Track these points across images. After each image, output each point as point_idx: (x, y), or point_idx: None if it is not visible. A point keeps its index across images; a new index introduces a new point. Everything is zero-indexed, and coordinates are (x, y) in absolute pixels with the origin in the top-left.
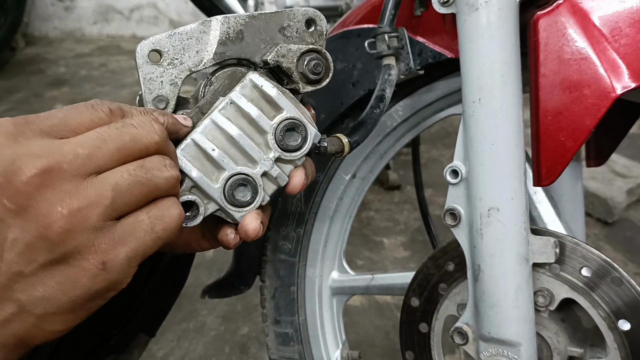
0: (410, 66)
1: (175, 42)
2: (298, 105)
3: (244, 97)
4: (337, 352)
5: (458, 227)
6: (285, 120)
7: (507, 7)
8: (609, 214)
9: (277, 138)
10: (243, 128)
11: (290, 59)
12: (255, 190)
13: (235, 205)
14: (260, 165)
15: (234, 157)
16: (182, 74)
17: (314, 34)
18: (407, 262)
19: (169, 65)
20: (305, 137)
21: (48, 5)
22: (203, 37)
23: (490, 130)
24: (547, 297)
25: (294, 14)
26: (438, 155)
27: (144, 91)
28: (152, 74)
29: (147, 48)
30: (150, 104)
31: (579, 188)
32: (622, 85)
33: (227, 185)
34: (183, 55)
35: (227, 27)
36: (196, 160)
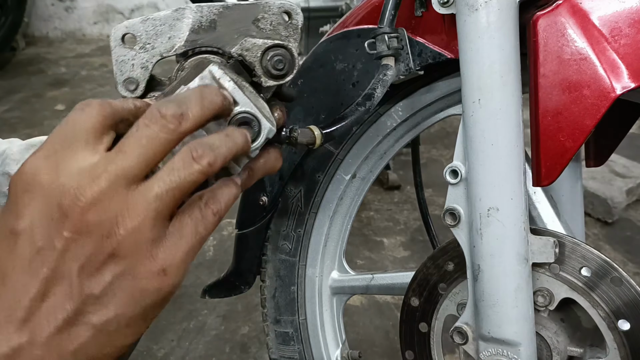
0: (410, 66)
1: (149, 27)
2: (257, 100)
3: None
4: (337, 351)
5: (458, 227)
6: (239, 114)
7: (507, 7)
8: (609, 214)
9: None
10: None
11: (254, 53)
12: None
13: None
14: None
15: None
16: (154, 59)
17: (289, 27)
18: (407, 262)
19: (141, 49)
20: (259, 132)
21: (48, 5)
22: (176, 24)
23: (489, 130)
24: (546, 297)
25: (270, 6)
26: (438, 155)
27: (116, 72)
28: (124, 56)
29: (120, 31)
30: (121, 84)
31: (578, 188)
32: (621, 85)
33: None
34: (155, 40)
35: (200, 15)
36: None
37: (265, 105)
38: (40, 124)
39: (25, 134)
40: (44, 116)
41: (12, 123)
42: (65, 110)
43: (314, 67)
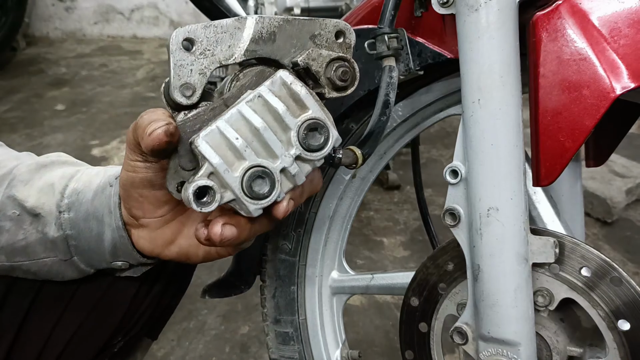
0: (409, 67)
1: (210, 33)
2: (323, 108)
3: (272, 93)
4: (337, 351)
5: (457, 227)
6: (310, 119)
7: (507, 7)
8: (608, 214)
9: (300, 136)
10: (268, 122)
11: (320, 63)
12: (273, 184)
13: (252, 197)
14: (281, 161)
15: (255, 149)
16: (212, 65)
17: (342, 45)
18: (406, 262)
19: (201, 54)
20: (327, 139)
21: (49, 5)
22: (237, 33)
23: (489, 130)
24: (546, 297)
25: (326, 24)
26: (438, 155)
27: (173, 77)
28: (184, 60)
29: (182, 35)
30: (178, 90)
31: (578, 188)
32: (621, 85)
33: (246, 176)
34: (215, 47)
35: (261, 26)
36: (218, 147)
37: (330, 115)
38: (40, 124)
39: (25, 134)
40: (44, 116)
41: (12, 123)
42: (65, 110)
43: None
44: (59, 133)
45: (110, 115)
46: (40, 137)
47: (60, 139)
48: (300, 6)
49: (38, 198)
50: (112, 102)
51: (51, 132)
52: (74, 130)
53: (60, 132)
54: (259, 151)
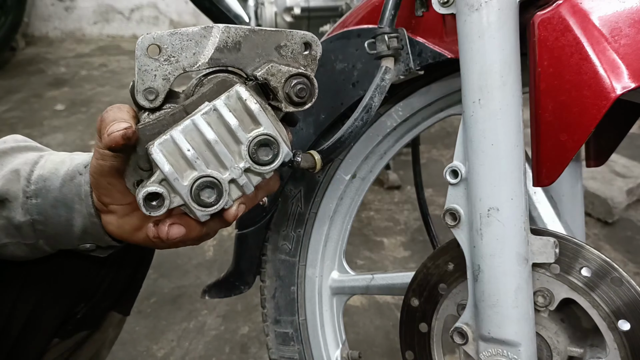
0: (410, 66)
1: (176, 41)
2: (277, 124)
3: (227, 107)
4: (337, 351)
5: (458, 227)
6: (261, 135)
7: (507, 7)
8: (609, 214)
9: (250, 150)
10: (221, 135)
11: (278, 79)
12: (220, 194)
13: (200, 205)
14: (230, 172)
15: (206, 160)
16: (176, 72)
17: (308, 57)
18: (407, 262)
19: (165, 61)
20: (277, 154)
21: (48, 5)
22: (202, 41)
23: (490, 130)
24: (547, 297)
25: (292, 35)
26: (438, 155)
27: (137, 81)
28: (148, 66)
29: (147, 41)
30: (141, 93)
31: (578, 188)
32: (622, 85)
33: (195, 185)
34: (180, 54)
35: (226, 35)
36: (171, 155)
37: (284, 129)
38: (40, 123)
39: (25, 134)
40: (44, 116)
41: (11, 123)
42: (64, 110)
43: None
44: (58, 133)
45: None
46: (40, 137)
47: (59, 138)
48: (300, 5)
49: (2, 185)
50: (111, 102)
51: (51, 132)
52: (73, 130)
53: (59, 132)
54: (210, 161)
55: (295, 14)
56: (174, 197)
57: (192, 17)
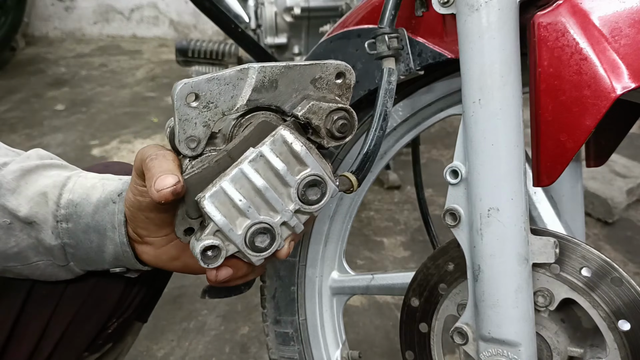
0: (410, 67)
1: (213, 86)
2: (321, 161)
3: (273, 152)
4: (337, 352)
5: (458, 228)
6: (309, 176)
7: (507, 7)
8: (609, 214)
9: (300, 192)
10: (269, 180)
11: (320, 116)
12: (274, 238)
13: (254, 251)
14: (281, 216)
15: (257, 206)
16: (215, 117)
17: (342, 86)
18: (407, 262)
19: (204, 108)
20: (324, 193)
21: (48, 5)
22: (239, 84)
23: (490, 130)
24: (547, 297)
25: (327, 66)
26: (438, 155)
27: (178, 131)
28: (188, 115)
29: (186, 91)
30: (183, 143)
31: (578, 188)
32: (622, 85)
33: (249, 233)
34: (218, 99)
35: (262, 75)
36: (223, 206)
37: (328, 165)
38: (40, 124)
39: (25, 134)
40: (44, 116)
41: (11, 123)
42: (64, 110)
43: None
44: (58, 133)
45: (110, 115)
46: (40, 137)
47: (60, 139)
48: (300, 6)
49: (31, 208)
50: (111, 102)
51: (51, 132)
52: (73, 130)
53: (60, 132)
54: (261, 207)
55: (295, 14)
56: (228, 245)
57: (192, 17)
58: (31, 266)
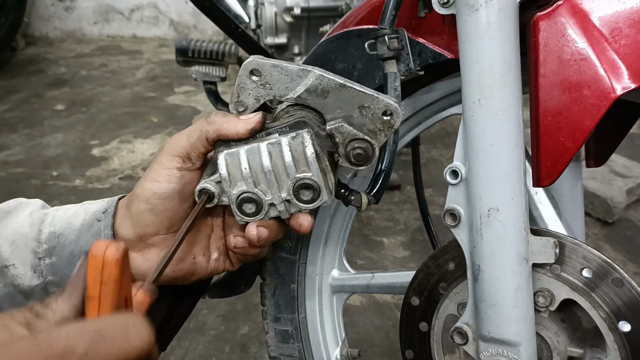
0: (410, 67)
1: (275, 72)
2: (328, 172)
3: (289, 146)
4: (337, 350)
5: (458, 228)
6: (306, 179)
7: (507, 7)
8: (609, 214)
9: (294, 187)
10: (276, 165)
11: (344, 137)
12: (259, 210)
13: (240, 212)
14: (271, 197)
15: (257, 180)
16: (267, 97)
17: (386, 123)
18: (407, 262)
19: (261, 85)
20: (315, 199)
21: (48, 5)
22: (297, 79)
23: (490, 130)
24: (547, 297)
25: (378, 100)
26: (438, 155)
27: (233, 93)
28: (246, 85)
29: (252, 65)
30: (234, 104)
31: (578, 188)
32: (622, 85)
33: (241, 197)
34: (275, 84)
35: (319, 82)
36: (232, 166)
37: (333, 179)
38: (40, 124)
39: (25, 134)
40: (44, 116)
41: (12, 123)
42: (65, 110)
43: None
44: (58, 133)
45: (110, 115)
46: (40, 137)
47: (60, 138)
48: (300, 6)
49: (10, 249)
50: (111, 102)
51: (51, 132)
52: (73, 130)
53: (60, 132)
54: (260, 182)
55: (295, 14)
56: (223, 196)
57: (192, 17)
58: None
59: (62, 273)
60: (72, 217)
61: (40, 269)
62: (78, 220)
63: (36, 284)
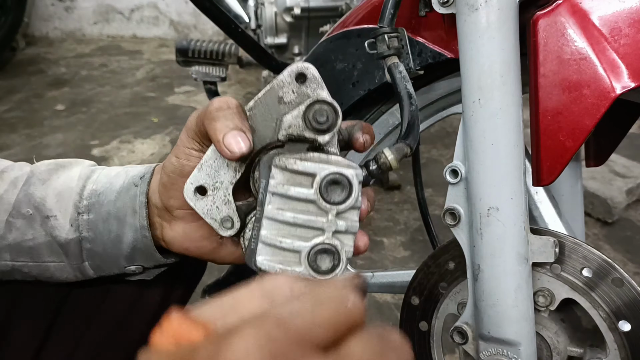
0: (410, 66)
1: (207, 170)
2: (327, 160)
3: (279, 184)
4: None
5: (458, 227)
6: (322, 181)
7: (507, 7)
8: (609, 214)
9: (325, 199)
10: (295, 208)
11: (296, 125)
12: (334, 253)
13: (327, 273)
14: (327, 229)
15: (302, 236)
16: (228, 191)
17: (310, 83)
18: (407, 262)
19: (214, 190)
20: (349, 183)
21: (48, 5)
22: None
23: (489, 130)
24: (547, 297)
25: (282, 81)
26: (438, 155)
27: (210, 223)
28: (206, 206)
29: (190, 190)
30: (220, 229)
31: (578, 188)
32: (621, 85)
33: (310, 262)
34: (219, 176)
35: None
36: (275, 255)
37: (339, 158)
38: (40, 124)
39: (25, 134)
40: (44, 116)
41: (12, 123)
42: (65, 110)
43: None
44: (58, 133)
45: (110, 115)
46: (40, 137)
47: (60, 139)
48: (300, 6)
49: (55, 200)
50: (112, 102)
51: (51, 132)
52: (74, 130)
53: (60, 132)
54: (306, 234)
55: (295, 14)
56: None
57: (192, 17)
58: (41, 266)
59: (96, 230)
60: (114, 178)
61: (77, 223)
62: (118, 182)
63: (72, 237)
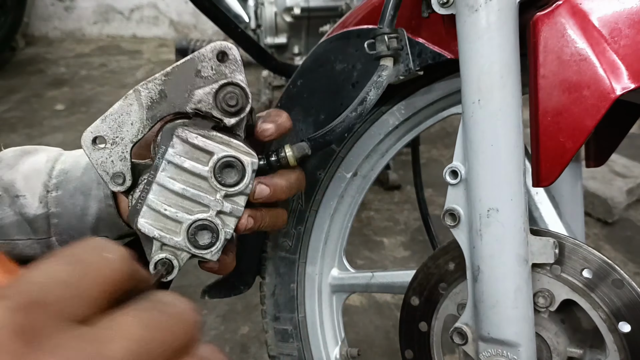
0: (409, 67)
1: (110, 123)
2: (228, 142)
3: (177, 154)
4: (336, 349)
5: (457, 228)
6: (218, 161)
7: (507, 8)
8: (609, 214)
9: (217, 179)
10: (187, 181)
11: (206, 102)
12: (215, 230)
13: (203, 248)
14: (212, 208)
15: (187, 209)
16: (127, 148)
17: (229, 64)
18: (407, 262)
19: (113, 144)
20: (243, 169)
21: (48, 5)
22: (132, 109)
23: (489, 131)
24: (547, 298)
25: (204, 55)
26: (438, 155)
27: (101, 175)
28: (101, 157)
29: (88, 138)
30: (110, 182)
31: (578, 188)
32: (621, 86)
33: (189, 234)
34: (121, 131)
35: (147, 92)
36: (157, 221)
37: (240, 143)
38: (40, 123)
39: (25, 134)
40: (44, 116)
41: (11, 123)
42: (64, 110)
43: (314, 67)
44: (58, 133)
45: None
46: (40, 137)
47: (60, 138)
48: (300, 6)
49: (24, 182)
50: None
51: (51, 132)
52: (73, 130)
53: (60, 132)
54: (191, 208)
55: (295, 14)
56: (180, 254)
57: (191, 17)
58: (10, 244)
59: (63, 205)
60: (80, 157)
61: (46, 200)
62: (85, 159)
63: (40, 213)
